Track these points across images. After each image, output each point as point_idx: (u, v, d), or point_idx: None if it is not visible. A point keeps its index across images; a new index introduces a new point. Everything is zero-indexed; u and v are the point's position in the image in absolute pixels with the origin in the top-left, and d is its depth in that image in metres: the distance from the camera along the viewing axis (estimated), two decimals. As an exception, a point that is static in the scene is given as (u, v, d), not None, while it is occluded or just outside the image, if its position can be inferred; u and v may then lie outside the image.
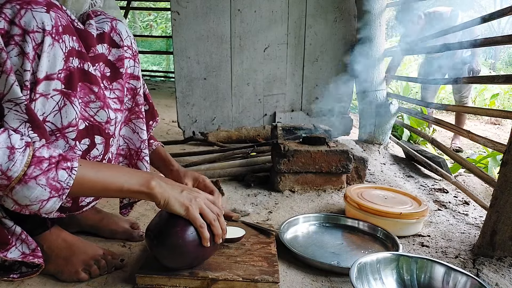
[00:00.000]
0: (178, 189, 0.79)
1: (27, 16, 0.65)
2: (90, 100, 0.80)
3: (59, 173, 0.66)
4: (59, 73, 0.71)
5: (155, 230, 0.80)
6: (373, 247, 1.08)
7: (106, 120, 0.83)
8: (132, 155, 1.00)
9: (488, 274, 0.94)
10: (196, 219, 0.77)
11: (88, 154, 0.81)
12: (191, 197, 0.79)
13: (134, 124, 0.98)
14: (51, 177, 0.65)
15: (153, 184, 0.75)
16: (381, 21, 2.20)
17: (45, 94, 0.70)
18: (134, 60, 0.95)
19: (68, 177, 0.67)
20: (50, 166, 0.65)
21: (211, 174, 1.62)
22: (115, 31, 0.91)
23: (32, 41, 0.66)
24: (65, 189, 0.67)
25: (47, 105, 0.71)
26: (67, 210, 0.85)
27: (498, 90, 5.37)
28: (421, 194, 1.58)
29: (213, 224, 0.79)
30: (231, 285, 0.81)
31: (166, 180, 0.80)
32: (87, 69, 0.78)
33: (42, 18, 0.66)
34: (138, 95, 0.97)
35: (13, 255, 0.78)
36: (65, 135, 0.75)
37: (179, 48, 2.27)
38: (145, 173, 0.81)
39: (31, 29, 0.65)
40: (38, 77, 0.67)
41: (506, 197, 0.96)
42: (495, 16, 1.32)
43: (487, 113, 1.67)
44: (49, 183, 0.65)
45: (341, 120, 2.53)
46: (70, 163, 0.68)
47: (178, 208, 0.77)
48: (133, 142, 1.00)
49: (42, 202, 0.66)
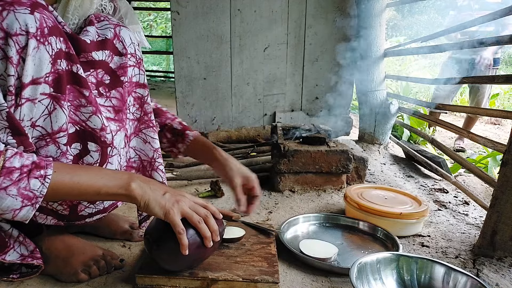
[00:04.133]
0: (161, 191, 0.76)
1: (9, 18, 0.62)
2: (80, 104, 0.76)
3: (31, 182, 0.64)
4: (46, 77, 0.68)
5: (153, 234, 0.79)
6: (373, 247, 1.07)
7: (101, 127, 0.79)
8: (145, 166, 0.96)
9: (488, 274, 0.94)
10: (175, 223, 0.73)
11: (81, 161, 0.78)
12: (173, 200, 0.75)
13: (144, 134, 0.94)
14: (22, 186, 0.63)
15: (133, 186, 0.72)
16: (381, 21, 2.20)
17: (32, 99, 0.67)
18: (138, 68, 0.91)
19: (41, 185, 0.65)
20: (21, 176, 0.63)
21: (211, 174, 1.62)
22: (118, 38, 0.86)
23: (16, 45, 0.63)
24: (39, 197, 0.65)
25: (35, 110, 0.69)
26: (64, 218, 0.83)
27: (498, 90, 5.37)
28: (421, 194, 1.58)
29: (198, 226, 0.76)
30: (231, 285, 0.81)
31: (148, 181, 0.77)
32: (76, 71, 0.74)
33: (26, 20, 0.64)
34: (146, 103, 0.93)
35: (11, 257, 0.77)
36: (56, 140, 0.73)
37: (179, 48, 2.27)
38: (126, 174, 0.77)
39: (14, 31, 0.63)
40: (24, 81, 0.65)
41: (506, 197, 0.95)
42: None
43: (487, 113, 1.67)
44: (21, 192, 0.63)
45: (341, 120, 2.53)
46: (44, 171, 0.65)
47: (158, 211, 0.74)
48: (145, 153, 0.95)
49: (14, 211, 0.64)
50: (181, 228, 0.73)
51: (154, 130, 0.95)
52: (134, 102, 0.92)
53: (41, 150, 0.73)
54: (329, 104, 2.46)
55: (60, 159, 0.75)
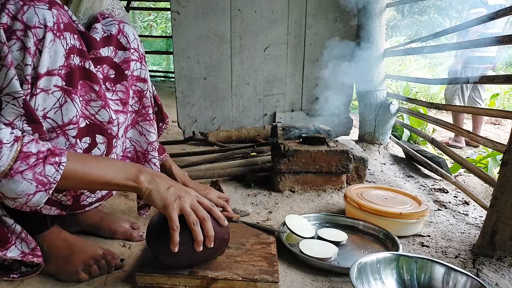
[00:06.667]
0: (166, 185, 0.77)
1: (29, 12, 0.66)
2: (91, 98, 0.80)
3: (46, 168, 0.66)
4: (59, 70, 0.71)
5: (152, 227, 0.80)
6: (373, 247, 1.08)
7: (108, 120, 0.83)
8: (139, 157, 1.00)
9: (488, 274, 0.94)
10: (171, 219, 0.74)
11: (89, 153, 0.81)
12: (176, 195, 0.76)
13: (141, 127, 0.98)
14: (38, 172, 0.66)
15: (141, 178, 0.75)
16: (381, 21, 2.20)
17: (46, 90, 0.70)
18: (141, 62, 0.95)
19: (56, 172, 0.67)
20: (37, 161, 0.66)
21: (211, 174, 1.62)
22: (122, 33, 0.91)
23: (34, 36, 0.66)
24: (52, 183, 0.68)
25: (48, 101, 0.71)
26: (67, 208, 0.85)
27: (498, 90, 5.37)
28: (421, 194, 1.58)
29: (192, 228, 0.75)
30: (231, 284, 0.81)
31: (156, 175, 0.78)
32: (88, 67, 0.78)
33: (44, 15, 0.68)
34: (145, 97, 0.97)
35: (12, 254, 0.78)
36: (65, 132, 0.76)
37: (179, 48, 2.27)
38: (135, 166, 0.79)
39: (33, 24, 0.66)
40: (40, 72, 0.68)
41: (506, 197, 0.96)
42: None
43: (487, 113, 1.67)
44: (36, 177, 0.66)
45: (341, 120, 2.53)
46: (58, 158, 0.68)
47: (158, 202, 0.75)
48: (140, 145, 0.99)
49: (28, 196, 0.67)
50: (176, 225, 0.74)
51: (150, 124, 0.99)
52: (134, 95, 0.95)
53: (51, 142, 0.74)
54: (329, 104, 2.46)
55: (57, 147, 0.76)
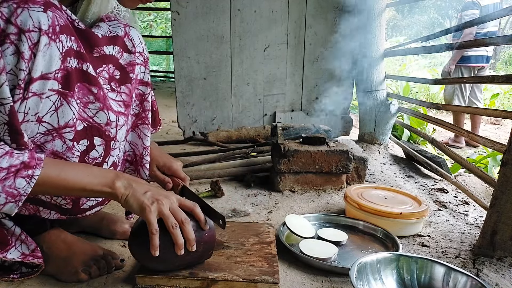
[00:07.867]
0: (143, 189, 0.76)
1: (23, 15, 0.65)
2: (89, 101, 0.79)
3: (17, 181, 0.66)
4: (56, 73, 0.70)
5: (132, 233, 0.81)
6: (373, 247, 1.08)
7: (106, 122, 0.82)
8: (137, 161, 0.99)
9: (488, 274, 0.94)
10: (150, 222, 0.72)
11: (87, 156, 0.80)
12: (154, 199, 0.75)
13: (140, 130, 0.98)
14: (7, 185, 0.65)
15: (117, 184, 0.74)
16: (381, 21, 2.20)
17: (39, 94, 0.69)
18: (145, 66, 0.95)
19: (27, 184, 0.67)
20: (7, 175, 0.65)
21: (211, 174, 1.62)
22: (128, 37, 0.90)
23: (28, 40, 0.65)
24: (22, 195, 0.67)
25: (42, 105, 0.70)
26: (67, 212, 0.84)
27: (498, 90, 5.37)
28: (421, 194, 1.58)
29: (171, 231, 0.74)
30: (231, 285, 0.81)
31: (133, 180, 0.77)
32: (85, 69, 0.77)
33: (39, 18, 0.66)
34: (146, 101, 0.97)
35: (12, 255, 0.78)
36: (62, 135, 0.75)
37: (179, 48, 2.27)
38: (112, 172, 0.78)
39: (27, 28, 0.65)
40: (33, 76, 0.67)
41: (506, 197, 0.96)
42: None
43: (487, 113, 1.67)
44: (5, 190, 0.65)
45: (341, 120, 2.53)
46: (32, 171, 0.67)
47: (135, 207, 0.74)
48: (138, 148, 0.98)
49: None
50: (155, 228, 0.73)
51: (148, 128, 0.99)
52: (135, 98, 0.95)
53: (47, 145, 0.74)
54: (329, 104, 2.46)
55: (66, 154, 0.76)
